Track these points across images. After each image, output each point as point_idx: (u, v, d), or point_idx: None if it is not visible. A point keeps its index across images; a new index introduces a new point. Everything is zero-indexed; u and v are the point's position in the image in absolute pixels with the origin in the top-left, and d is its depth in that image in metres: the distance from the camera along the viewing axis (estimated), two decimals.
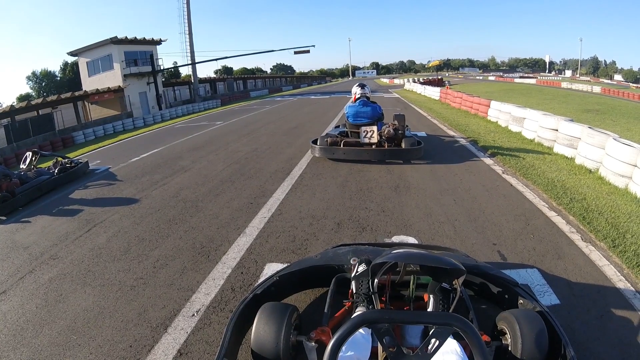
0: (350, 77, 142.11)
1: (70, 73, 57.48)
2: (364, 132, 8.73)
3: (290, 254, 4.51)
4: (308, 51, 46.82)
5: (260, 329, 2.55)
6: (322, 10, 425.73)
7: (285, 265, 3.67)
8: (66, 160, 9.79)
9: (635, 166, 6.55)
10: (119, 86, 35.72)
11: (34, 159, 9.53)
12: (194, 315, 3.39)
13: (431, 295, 2.73)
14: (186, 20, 45.73)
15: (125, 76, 36.73)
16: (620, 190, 6.70)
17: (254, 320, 2.62)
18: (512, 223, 5.38)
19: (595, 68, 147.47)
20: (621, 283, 3.98)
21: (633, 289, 3.88)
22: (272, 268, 4.11)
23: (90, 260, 4.64)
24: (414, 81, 51.02)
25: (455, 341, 2.23)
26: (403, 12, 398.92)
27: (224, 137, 14.35)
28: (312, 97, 40.63)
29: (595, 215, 5.61)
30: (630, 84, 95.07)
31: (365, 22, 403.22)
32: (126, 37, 37.28)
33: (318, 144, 8.98)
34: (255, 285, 3.44)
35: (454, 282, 2.61)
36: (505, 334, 2.66)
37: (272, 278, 3.19)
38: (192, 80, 48.56)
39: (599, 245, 4.78)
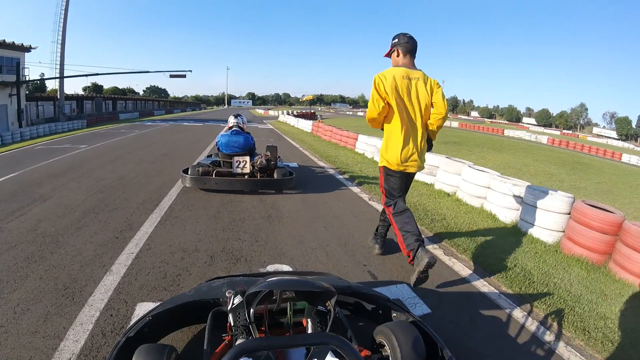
0: (226, 105, 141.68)
1: None
2: (237, 162, 8.80)
3: (162, 291, 4.40)
4: (184, 76, 46.18)
5: None
6: (202, 36, 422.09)
7: (158, 303, 3.59)
8: None
9: (489, 188, 7.43)
10: None
11: None
12: None
13: (309, 319, 2.83)
14: (61, 28, 42.61)
15: None
16: (476, 209, 7.58)
17: None
18: None
19: (455, 106, 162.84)
20: (485, 288, 4.56)
21: (497, 292, 4.48)
22: (144, 308, 3.99)
23: None
24: (288, 113, 52.10)
25: (336, 359, 2.29)
26: (282, 47, 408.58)
27: (88, 163, 13.56)
28: (185, 123, 39.83)
29: (455, 232, 6.28)
30: (485, 119, 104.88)
31: (244, 53, 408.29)
32: None
33: (189, 173, 8.86)
34: (128, 327, 3.25)
35: (327, 304, 2.74)
36: (384, 346, 2.78)
37: (144, 318, 3.08)
38: (58, 96, 45.25)
39: (460, 258, 5.41)
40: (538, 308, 4.12)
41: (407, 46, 4.80)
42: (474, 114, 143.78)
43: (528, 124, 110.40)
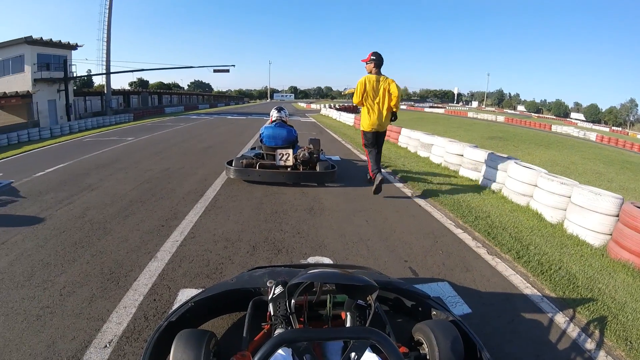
0: (269, 99, 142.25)
1: None
2: (280, 154, 8.83)
3: (204, 278, 4.46)
4: (228, 70, 46.46)
5: (178, 358, 2.46)
6: (245, 31, 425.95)
7: (200, 290, 3.64)
8: None
9: (536, 186, 7.18)
10: (28, 91, 33.41)
11: None
12: (106, 346, 3.25)
13: (348, 313, 2.82)
14: (106, 26, 43.60)
15: (35, 81, 34.32)
16: (522, 208, 7.33)
17: (170, 350, 2.53)
18: (422, 241, 5.71)
19: (500, 100, 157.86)
20: (528, 290, 4.39)
21: (540, 294, 4.29)
22: (186, 294, 4.04)
23: None
24: (330, 107, 51.73)
25: (374, 355, 2.29)
26: (323, 40, 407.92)
27: (134, 155, 13.90)
28: (229, 117, 40.25)
29: (499, 230, 6.12)
30: (532, 114, 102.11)
31: (286, 47, 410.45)
32: (41, 38, 34.95)
33: (233, 165, 8.95)
34: (170, 312, 3.35)
35: (368, 299, 2.70)
36: (422, 344, 2.77)
37: (186, 304, 3.12)
38: (105, 91, 46.39)
39: (504, 257, 5.21)
40: (581, 314, 3.92)
41: (377, 62, 8.10)
42: (521, 108, 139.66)
43: (576, 119, 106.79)
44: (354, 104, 8.66)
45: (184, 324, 2.95)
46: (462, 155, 10.49)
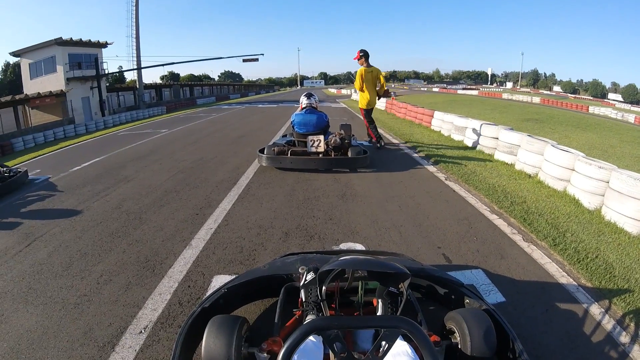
0: (299, 86, 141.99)
1: (12, 75, 55.26)
2: (311, 141, 8.80)
3: (238, 265, 4.49)
4: (257, 59, 46.66)
5: (211, 343, 2.50)
6: (272, 20, 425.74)
7: (233, 276, 3.66)
8: (4, 169, 9.33)
9: (574, 170, 6.91)
10: (62, 90, 34.34)
11: None
12: (141, 332, 3.31)
13: (379, 300, 2.79)
14: (134, 23, 44.36)
15: (68, 80, 35.42)
16: (559, 193, 7.05)
17: (203, 335, 2.56)
18: (456, 227, 5.59)
19: (536, 80, 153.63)
20: (564, 279, 4.22)
21: (576, 284, 4.13)
22: (220, 280, 4.08)
23: (31, 277, 4.44)
24: None
25: (405, 343, 2.27)
26: (351, 24, 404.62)
27: (168, 146, 14.11)
28: (260, 105, 40.40)
29: (535, 216, 5.90)
30: (569, 95, 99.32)
31: (314, 33, 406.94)
32: (71, 38, 36.00)
33: (265, 153, 8.96)
34: (203, 298, 3.39)
35: (400, 286, 2.67)
36: (454, 332, 2.73)
37: (220, 290, 3.15)
38: (137, 86, 47.18)
39: (540, 245, 5.04)
40: (616, 305, 3.74)
41: (365, 57, 11.17)
42: (556, 88, 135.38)
43: (614, 100, 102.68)
44: (356, 90, 12.10)
45: (217, 310, 2.99)
46: (497, 138, 10.21)
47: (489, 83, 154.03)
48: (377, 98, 11.75)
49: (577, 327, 3.39)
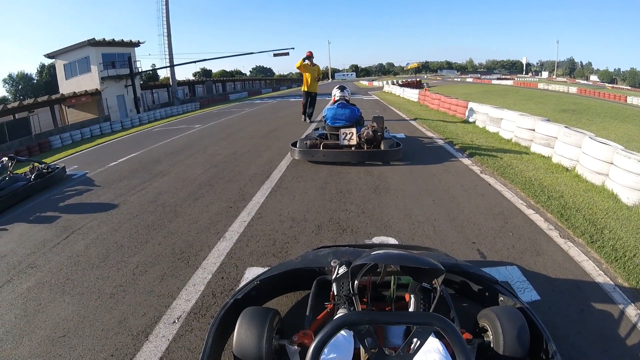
0: (330, 79, 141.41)
1: (47, 76, 56.84)
2: (343, 134, 8.76)
3: (270, 257, 4.51)
4: (287, 54, 46.56)
5: (242, 334, 2.51)
6: (302, 13, 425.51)
7: (266, 269, 3.64)
8: (43, 165, 9.55)
9: (612, 164, 6.66)
10: (97, 89, 35.33)
11: (10, 164, 9.30)
12: (175, 322, 3.36)
13: (412, 295, 2.75)
14: (165, 22, 45.03)
15: (102, 79, 36.37)
16: (597, 188, 6.82)
17: (235, 326, 2.58)
18: (491, 222, 5.46)
19: (572, 69, 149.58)
20: (600, 278, 4.07)
21: (612, 283, 3.97)
22: (252, 272, 4.09)
23: (68, 268, 4.56)
24: (393, 83, 50.69)
25: (437, 340, 2.24)
26: (382, 16, 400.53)
27: (202, 141, 14.25)
28: (292, 99, 40.32)
29: (572, 212, 5.71)
30: (606, 84, 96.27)
31: (344, 25, 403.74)
32: (104, 39, 36.84)
33: (297, 146, 8.96)
34: (236, 290, 3.40)
35: (433, 282, 2.63)
36: (487, 331, 2.67)
37: (252, 282, 3.17)
38: (171, 83, 47.97)
39: (577, 242, 4.88)
40: None
41: (311, 59, 15.78)
42: (593, 78, 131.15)
43: None
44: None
45: (249, 301, 3.00)
46: (534, 130, 9.95)
47: (524, 72, 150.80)
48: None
49: (612, 329, 3.27)
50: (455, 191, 6.79)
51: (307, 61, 15.79)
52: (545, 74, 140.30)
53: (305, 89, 16.48)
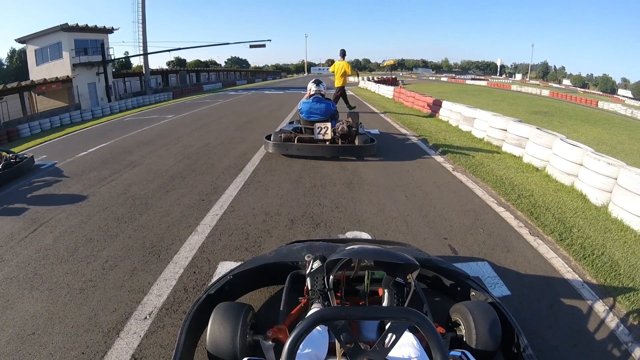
0: (306, 73, 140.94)
1: (18, 61, 55.11)
2: (318, 128, 8.75)
3: (243, 251, 4.49)
4: (264, 45, 46.40)
5: (216, 330, 2.50)
6: (279, 5, 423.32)
7: (239, 263, 3.65)
8: (10, 155, 9.32)
9: (582, 165, 6.84)
10: (68, 76, 34.29)
11: None
12: (146, 318, 3.31)
13: (386, 290, 2.75)
14: (140, 8, 44.04)
15: (74, 66, 35.26)
16: (566, 188, 6.99)
17: (208, 321, 2.56)
18: (463, 218, 5.56)
19: (545, 72, 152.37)
20: (569, 274, 4.19)
21: (581, 280, 4.09)
22: (225, 267, 4.08)
23: (36, 263, 4.44)
24: (369, 79, 50.89)
25: (411, 334, 2.26)
26: (359, 11, 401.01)
27: (174, 131, 14.11)
28: (267, 92, 40.21)
29: (542, 210, 5.84)
30: (578, 89, 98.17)
31: (322, 19, 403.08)
32: (77, 24, 35.71)
33: (272, 139, 8.94)
34: (209, 285, 3.35)
35: (407, 277, 2.66)
36: (460, 325, 2.71)
37: (225, 277, 3.15)
38: (144, 72, 47.02)
39: (546, 239, 5.00)
40: (621, 303, 3.71)
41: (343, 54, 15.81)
42: (566, 82, 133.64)
43: (623, 96, 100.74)
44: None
45: (222, 296, 2.99)
46: (506, 130, 10.10)
47: (498, 74, 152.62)
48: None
49: (580, 323, 3.38)
50: (428, 187, 6.87)
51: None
52: (519, 76, 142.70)
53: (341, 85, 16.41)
